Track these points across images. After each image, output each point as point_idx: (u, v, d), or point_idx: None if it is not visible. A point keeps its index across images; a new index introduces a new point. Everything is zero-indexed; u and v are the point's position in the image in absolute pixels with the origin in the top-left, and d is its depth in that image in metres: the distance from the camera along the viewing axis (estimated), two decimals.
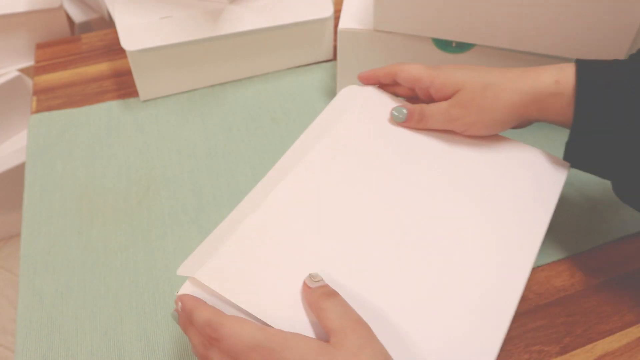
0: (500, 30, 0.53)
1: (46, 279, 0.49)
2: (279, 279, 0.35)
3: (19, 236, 1.14)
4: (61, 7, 0.86)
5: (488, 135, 0.45)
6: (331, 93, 0.66)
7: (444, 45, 0.58)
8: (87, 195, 0.56)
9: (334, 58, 0.71)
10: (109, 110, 0.65)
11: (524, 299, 0.46)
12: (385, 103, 0.48)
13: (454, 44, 0.58)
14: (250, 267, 0.35)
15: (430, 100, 0.47)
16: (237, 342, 0.31)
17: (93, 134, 0.62)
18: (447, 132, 0.46)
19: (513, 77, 0.42)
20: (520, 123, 0.44)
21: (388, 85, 0.49)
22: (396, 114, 0.46)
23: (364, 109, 0.47)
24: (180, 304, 0.35)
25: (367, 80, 0.49)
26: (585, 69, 0.41)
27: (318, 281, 0.34)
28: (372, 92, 0.49)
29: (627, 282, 0.48)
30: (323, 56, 0.71)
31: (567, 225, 0.52)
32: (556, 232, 0.51)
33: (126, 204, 0.55)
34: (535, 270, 0.49)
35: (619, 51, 0.51)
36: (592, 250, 0.50)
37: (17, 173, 1.04)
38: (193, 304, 0.34)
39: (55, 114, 0.65)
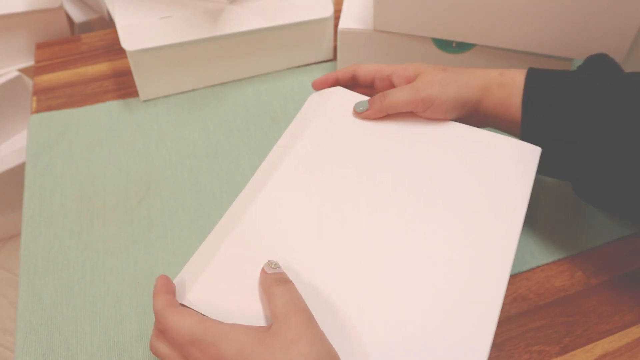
0: (500, 30, 0.53)
1: (46, 279, 0.49)
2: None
3: (19, 236, 1.14)
4: (61, 7, 0.86)
5: (447, 118, 0.45)
6: None
7: (444, 45, 0.58)
8: (87, 195, 0.56)
9: (334, 58, 0.71)
10: (109, 110, 0.65)
11: (523, 298, 0.46)
12: (355, 100, 0.47)
13: (454, 44, 0.58)
14: (237, 285, 0.36)
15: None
16: (178, 336, 0.32)
17: (93, 134, 0.62)
18: (414, 123, 0.45)
19: (465, 69, 0.47)
20: (472, 112, 0.46)
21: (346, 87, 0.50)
22: (358, 106, 0.46)
23: (333, 110, 0.47)
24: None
25: (320, 85, 0.50)
26: (534, 72, 0.45)
27: (275, 267, 0.35)
28: (341, 92, 0.48)
29: (627, 282, 0.48)
30: (323, 56, 0.71)
31: (567, 225, 0.52)
32: (556, 232, 0.51)
33: (126, 204, 0.55)
34: (535, 270, 0.49)
35: (619, 51, 0.51)
36: (592, 250, 0.50)
37: (17, 173, 1.04)
38: (154, 290, 0.35)
39: (55, 114, 0.65)
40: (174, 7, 0.64)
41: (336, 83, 0.50)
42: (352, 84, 0.50)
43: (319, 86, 0.50)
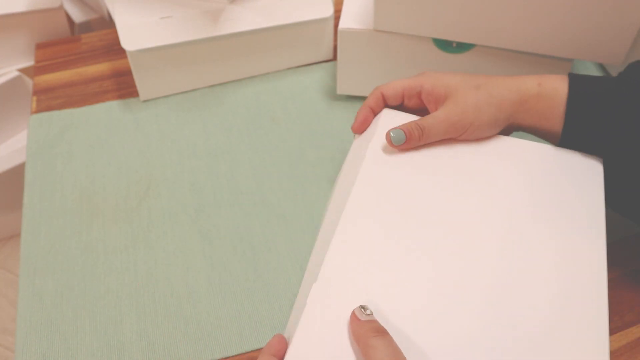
0: (500, 30, 0.53)
1: (46, 279, 0.49)
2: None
3: (19, 236, 1.14)
4: (61, 7, 0.86)
5: (484, 136, 0.44)
6: (331, 93, 0.66)
7: (444, 45, 0.58)
8: (87, 195, 0.56)
9: (334, 58, 0.71)
10: (109, 110, 0.65)
11: None
12: (405, 120, 0.44)
13: (454, 44, 0.58)
14: (330, 340, 0.33)
15: (418, 108, 0.46)
16: None
17: (93, 134, 0.62)
18: (464, 146, 0.44)
19: (500, 79, 0.44)
20: (506, 126, 0.44)
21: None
22: (394, 135, 0.42)
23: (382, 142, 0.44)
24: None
25: (360, 127, 0.47)
26: (577, 79, 0.43)
27: (368, 314, 0.33)
28: (389, 114, 0.46)
29: (627, 282, 0.48)
30: (323, 56, 0.71)
31: None
32: None
33: (126, 204, 0.55)
34: None
35: (619, 52, 0.51)
36: None
37: (17, 173, 1.04)
38: (264, 348, 0.33)
39: (55, 114, 0.65)
40: (174, 7, 0.64)
41: (372, 113, 0.47)
42: (384, 105, 0.48)
43: (359, 128, 0.47)
